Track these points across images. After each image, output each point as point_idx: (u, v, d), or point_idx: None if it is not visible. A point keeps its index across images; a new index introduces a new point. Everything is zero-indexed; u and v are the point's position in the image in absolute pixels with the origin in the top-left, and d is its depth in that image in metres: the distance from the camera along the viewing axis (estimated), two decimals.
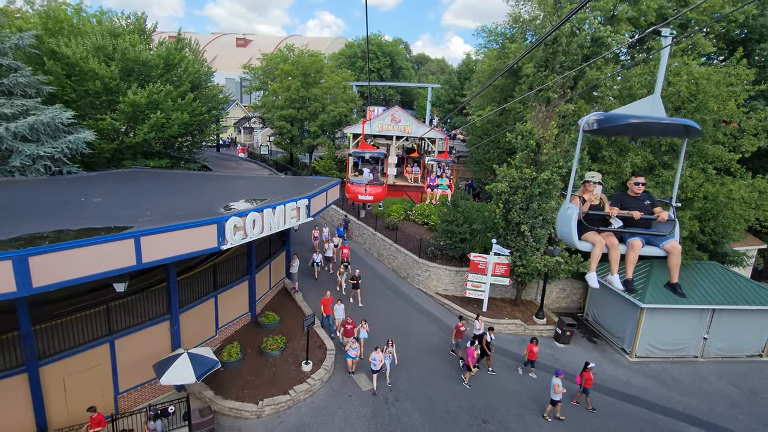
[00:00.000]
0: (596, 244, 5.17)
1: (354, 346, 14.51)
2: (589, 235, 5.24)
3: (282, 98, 33.31)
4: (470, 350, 14.56)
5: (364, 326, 15.32)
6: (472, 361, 14.43)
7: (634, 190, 5.47)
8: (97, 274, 9.24)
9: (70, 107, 19.01)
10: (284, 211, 13.91)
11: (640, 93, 17.52)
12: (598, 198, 5.49)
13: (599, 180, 5.56)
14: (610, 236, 5.21)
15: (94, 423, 10.55)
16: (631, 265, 5.29)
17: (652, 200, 5.44)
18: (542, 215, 17.23)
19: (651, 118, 4.60)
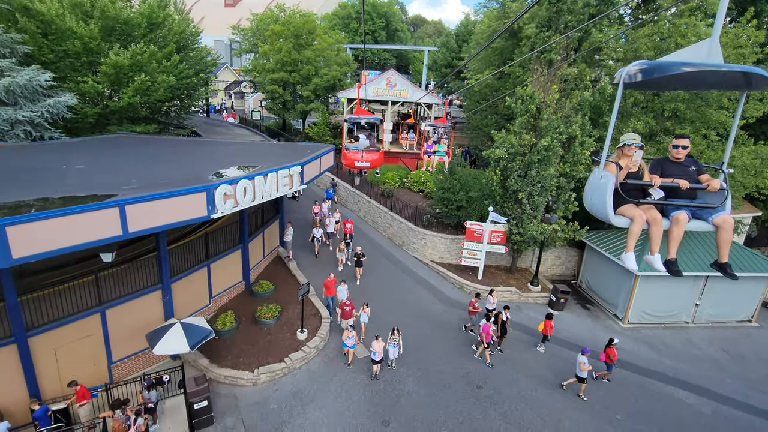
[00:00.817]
0: (635, 218, 4.44)
1: (351, 335, 13.51)
2: (626, 208, 4.53)
3: (273, 61, 31.97)
4: (486, 326, 14.11)
5: (365, 310, 14.74)
6: (487, 338, 14.03)
7: (676, 154, 4.71)
8: (81, 245, 8.89)
9: (48, 69, 18.02)
10: (276, 179, 13.46)
11: (646, 55, 16.81)
12: (637, 164, 4.70)
13: (641, 143, 4.70)
14: (651, 209, 4.51)
15: (79, 396, 10.45)
16: (676, 243, 4.59)
17: (698, 166, 4.72)
18: (540, 182, 16.89)
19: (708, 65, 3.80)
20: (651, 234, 4.54)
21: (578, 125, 16.23)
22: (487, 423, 12.13)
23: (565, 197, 17.84)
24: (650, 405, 13.48)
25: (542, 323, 15.38)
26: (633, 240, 4.57)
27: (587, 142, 16.69)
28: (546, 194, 17.32)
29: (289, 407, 12.15)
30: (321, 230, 20.26)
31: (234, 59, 61.88)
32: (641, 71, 3.81)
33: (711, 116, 16.58)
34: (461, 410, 12.48)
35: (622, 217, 4.53)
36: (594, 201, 4.70)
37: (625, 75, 4.01)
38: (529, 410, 12.73)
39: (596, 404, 13.24)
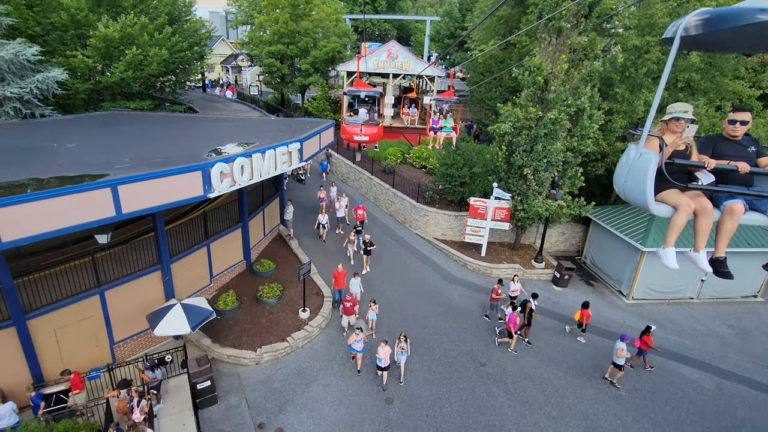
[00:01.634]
0: (680, 207, 3.68)
1: (358, 338, 12.35)
2: (669, 194, 3.74)
3: (269, 33, 30.91)
4: (512, 316, 13.51)
5: (372, 307, 13.81)
6: (514, 327, 13.46)
7: (733, 131, 3.88)
8: (73, 227, 8.61)
9: (35, 43, 17.34)
10: (275, 156, 13.05)
11: (662, 22, 15.98)
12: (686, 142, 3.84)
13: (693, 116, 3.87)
14: (700, 197, 3.76)
15: (73, 385, 10.34)
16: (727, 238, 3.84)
17: (758, 147, 3.90)
18: (547, 158, 16.42)
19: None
20: (698, 227, 3.81)
21: (587, 97, 15.61)
22: (491, 400, 12.13)
23: (572, 172, 17.39)
24: (654, 380, 13.45)
25: (578, 312, 14.75)
26: (676, 233, 3.82)
27: (596, 115, 16.11)
28: (552, 170, 16.87)
29: (292, 386, 12.14)
30: (326, 216, 19.29)
31: (230, 32, 60.16)
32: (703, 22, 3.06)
33: (727, 86, 15.91)
34: (465, 387, 12.47)
35: (663, 205, 3.79)
36: (630, 185, 3.89)
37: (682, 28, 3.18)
38: (533, 386, 12.73)
39: (599, 381, 13.22)
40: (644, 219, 17.87)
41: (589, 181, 19.22)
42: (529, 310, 14.36)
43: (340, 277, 14.70)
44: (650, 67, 16.70)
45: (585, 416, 11.90)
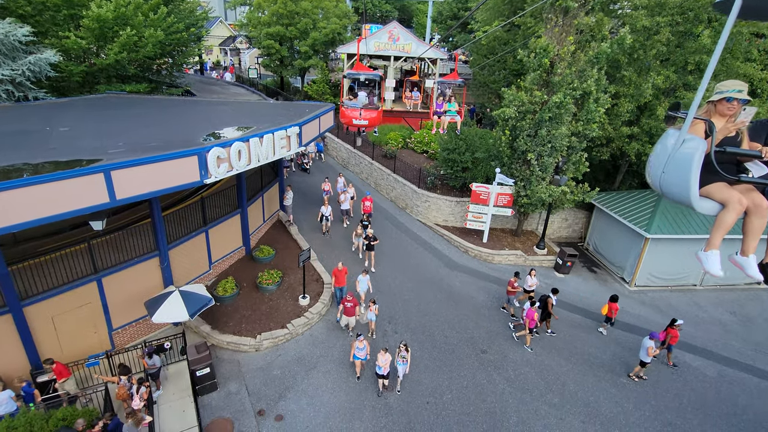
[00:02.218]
0: (730, 203, 3.17)
1: (362, 346, 11.63)
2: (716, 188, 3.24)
3: (268, 13, 30.16)
4: (530, 311, 13.11)
5: (371, 308, 13.07)
6: (531, 323, 13.07)
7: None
8: (66, 213, 8.39)
9: (27, 23, 16.85)
10: (273, 140, 12.73)
11: (674, 1, 15.43)
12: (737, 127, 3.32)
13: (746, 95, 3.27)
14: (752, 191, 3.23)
15: (57, 374, 10.18)
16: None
17: None
18: (551, 142, 16.06)
19: None
20: (749, 227, 3.29)
21: (593, 80, 15.17)
22: (492, 387, 12.08)
23: (576, 158, 17.06)
24: (655, 368, 13.37)
25: (605, 305, 14.37)
26: (722, 234, 3.26)
27: (602, 98, 15.69)
28: (556, 155, 16.53)
29: (292, 373, 12.10)
30: (329, 208, 18.48)
31: (228, 13, 58.97)
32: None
33: (738, 68, 15.46)
34: (465, 375, 12.41)
35: (709, 201, 3.28)
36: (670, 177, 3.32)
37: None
38: (534, 374, 12.67)
39: (601, 368, 13.17)
40: (649, 205, 17.61)
41: (593, 166, 18.92)
42: (550, 305, 13.88)
43: (341, 275, 13.99)
44: (659, 49, 16.20)
45: (586, 403, 11.87)
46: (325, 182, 20.32)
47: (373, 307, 13.09)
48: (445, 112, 17.72)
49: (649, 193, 18.33)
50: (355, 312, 13.11)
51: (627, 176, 20.80)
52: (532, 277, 15.08)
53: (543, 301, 13.88)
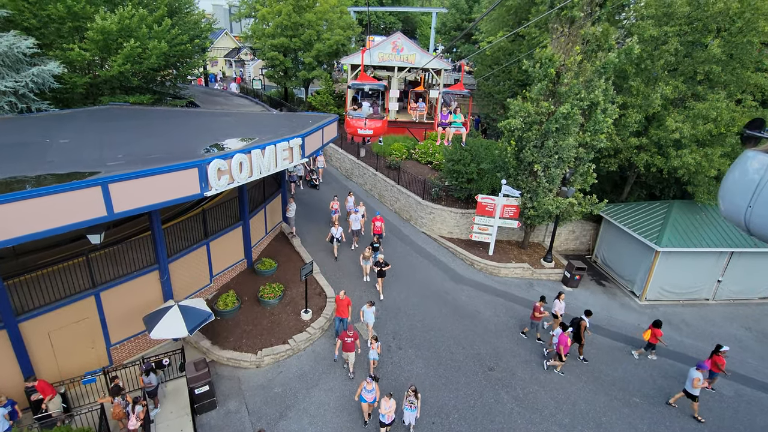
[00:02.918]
0: None
1: (371, 388, 10.45)
2: None
3: (272, 25, 30.27)
4: (563, 337, 12.25)
5: (373, 345, 11.61)
6: (564, 350, 12.23)
7: None
8: (61, 228, 8.17)
9: (32, 35, 16.91)
10: (275, 152, 12.56)
11: (681, 11, 15.23)
12: None
13: None
14: None
15: (41, 392, 9.80)
16: None
17: None
18: (558, 153, 15.79)
19: None
20: None
21: (601, 90, 14.94)
22: (500, 407, 11.65)
23: (584, 169, 16.76)
24: (669, 386, 12.90)
25: (647, 330, 13.62)
26: None
27: (610, 109, 15.44)
28: (563, 166, 16.24)
29: (293, 390, 11.73)
30: (340, 229, 17.39)
31: (233, 25, 59.54)
32: None
33: (748, 78, 15.17)
34: (472, 393, 12.00)
35: None
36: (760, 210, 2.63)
37: None
38: (543, 392, 12.23)
39: (612, 385, 12.70)
40: (659, 217, 17.24)
41: (601, 177, 18.59)
42: (583, 328, 13.19)
43: (342, 305, 12.85)
44: (668, 59, 15.97)
45: (598, 424, 11.41)
46: (334, 200, 19.31)
47: (375, 344, 11.62)
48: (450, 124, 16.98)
49: (659, 205, 17.96)
50: (354, 347, 11.81)
51: (635, 187, 20.43)
52: (561, 301, 14.22)
53: (576, 325, 13.18)
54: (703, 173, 15.90)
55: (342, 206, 19.67)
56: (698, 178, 16.27)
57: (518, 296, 16.66)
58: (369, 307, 13.16)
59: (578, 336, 13.26)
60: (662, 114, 16.76)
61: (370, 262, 16.06)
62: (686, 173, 16.20)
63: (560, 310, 14.24)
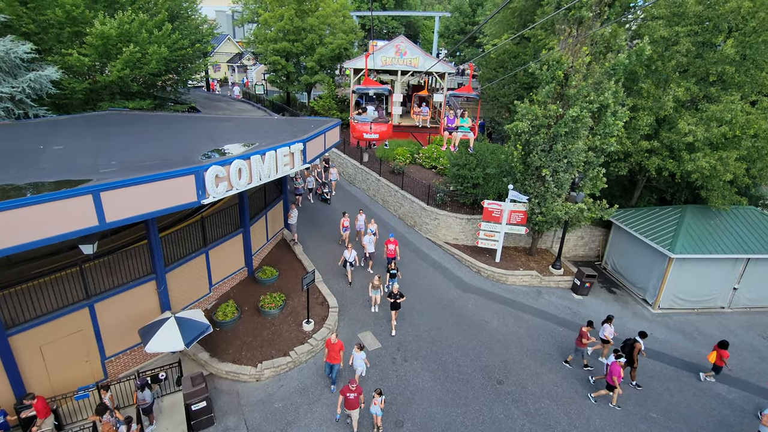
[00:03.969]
0: None
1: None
2: None
3: (274, 30, 30.09)
4: (615, 367, 11.31)
5: (375, 400, 10.23)
6: (618, 380, 11.27)
7: None
8: (50, 239, 7.78)
9: (30, 40, 16.68)
10: (275, 158, 12.16)
11: (693, 11, 14.80)
12: None
13: None
14: None
15: (38, 412, 9.39)
16: None
17: None
18: (567, 158, 15.33)
19: None
20: None
21: (611, 93, 14.49)
22: (510, 422, 11.13)
23: (594, 173, 16.27)
24: (687, 400, 12.35)
25: (713, 352, 12.87)
26: None
27: (620, 111, 14.99)
28: (572, 170, 15.77)
29: (294, 405, 11.26)
30: (353, 252, 15.95)
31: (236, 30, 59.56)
32: None
33: (764, 80, 14.68)
34: (481, 408, 11.48)
35: None
36: None
37: None
38: (555, 407, 11.70)
39: (628, 400, 12.14)
40: (671, 223, 16.71)
41: (609, 181, 18.09)
42: (637, 351, 12.37)
43: (334, 350, 11.16)
44: (679, 60, 15.51)
45: None
46: (344, 217, 17.98)
47: (377, 399, 10.18)
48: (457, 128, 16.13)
49: (671, 210, 17.44)
50: (358, 404, 10.08)
51: (645, 192, 19.91)
52: (611, 325, 13.26)
53: (629, 347, 12.39)
54: (717, 177, 15.38)
55: (352, 224, 18.58)
56: (712, 183, 15.76)
57: (527, 305, 16.15)
58: (358, 352, 11.28)
59: (631, 359, 12.39)
60: (674, 116, 16.28)
61: (379, 291, 14.66)
62: (700, 177, 15.69)
63: (609, 335, 13.26)
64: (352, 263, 16.05)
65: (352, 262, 15.99)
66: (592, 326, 12.86)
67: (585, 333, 12.56)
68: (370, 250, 16.67)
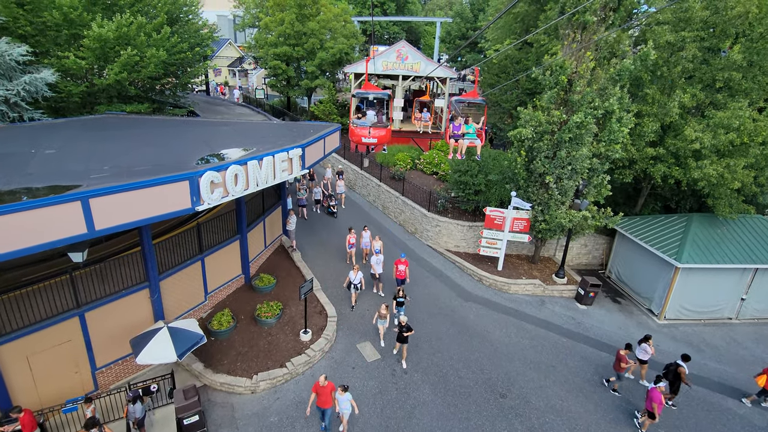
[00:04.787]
0: None
1: None
2: None
3: (275, 34, 29.90)
4: (656, 393, 10.40)
5: None
6: (659, 408, 10.43)
7: None
8: (35, 247, 7.46)
9: (27, 43, 16.46)
10: (273, 163, 11.89)
11: (699, 16, 14.56)
12: None
13: None
14: None
15: (23, 427, 8.96)
16: None
17: None
18: (571, 164, 15.03)
19: None
20: None
21: (616, 98, 14.22)
22: None
23: (598, 180, 15.96)
24: (696, 416, 11.95)
25: (761, 375, 12.15)
26: None
27: (625, 118, 14.71)
28: (577, 177, 15.46)
29: (290, 419, 10.88)
30: (360, 274, 14.65)
31: (238, 35, 59.54)
32: None
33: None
34: (483, 423, 11.09)
35: None
36: None
37: None
38: (560, 422, 11.30)
39: (635, 415, 11.75)
40: (677, 232, 16.36)
41: (613, 188, 17.79)
42: (683, 376, 11.63)
43: (325, 393, 9.98)
44: (685, 65, 15.25)
45: None
46: (350, 234, 17.17)
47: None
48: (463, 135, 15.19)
49: (677, 218, 17.11)
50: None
51: (649, 199, 19.58)
52: (650, 345, 12.43)
53: (672, 372, 11.68)
54: (725, 186, 15.05)
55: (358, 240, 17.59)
56: (719, 191, 15.43)
57: (530, 315, 15.78)
58: (342, 394, 9.86)
59: (674, 385, 11.71)
60: (679, 123, 16.00)
61: (386, 322, 13.27)
62: (707, 185, 15.37)
63: (646, 355, 12.53)
64: (357, 286, 14.70)
65: (357, 284, 14.67)
66: (630, 349, 12.16)
67: (623, 357, 11.79)
68: (378, 271, 15.48)
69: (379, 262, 15.46)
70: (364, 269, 16.43)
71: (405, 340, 12.39)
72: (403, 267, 15.07)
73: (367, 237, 17.42)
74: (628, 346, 12.20)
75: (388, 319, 13.32)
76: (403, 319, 12.29)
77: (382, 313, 13.15)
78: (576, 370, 13.20)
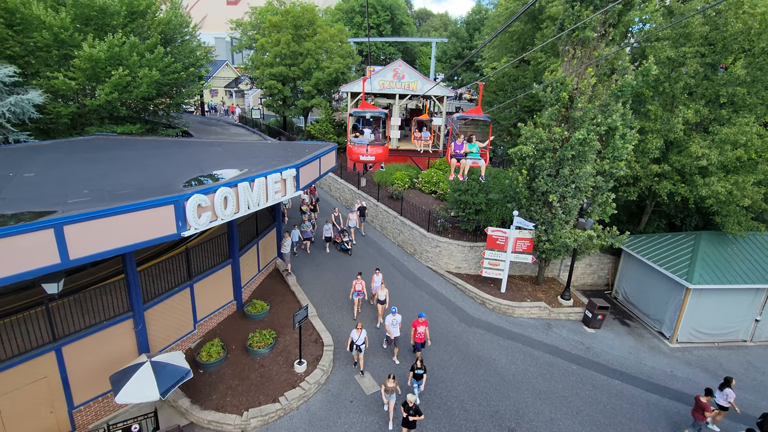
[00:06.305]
0: None
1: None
2: None
3: (271, 54, 29.86)
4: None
5: None
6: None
7: None
8: (2, 279, 6.80)
9: (16, 64, 16.11)
10: (266, 185, 11.32)
11: (699, 31, 14.34)
12: None
13: None
14: None
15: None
16: None
17: None
18: (575, 182, 14.56)
19: None
20: None
21: (619, 115, 13.86)
22: None
23: (602, 198, 15.49)
24: None
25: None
26: None
27: (629, 134, 14.33)
28: (581, 196, 14.97)
29: None
30: (363, 333, 12.23)
31: (235, 56, 60.00)
32: None
33: None
34: None
35: None
36: None
37: None
38: None
39: None
40: (686, 251, 15.81)
41: (617, 206, 17.33)
42: None
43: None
44: (687, 81, 14.98)
45: None
46: (357, 279, 14.94)
47: None
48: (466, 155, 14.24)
49: (684, 237, 16.57)
50: None
51: (653, 217, 19.10)
52: (732, 389, 11.44)
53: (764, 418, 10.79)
54: (734, 203, 14.59)
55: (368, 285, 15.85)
56: (728, 208, 14.96)
57: (536, 340, 15.05)
58: None
59: None
60: (683, 139, 15.64)
61: (394, 397, 10.84)
62: (715, 203, 14.90)
63: (728, 400, 11.52)
64: (360, 347, 12.31)
65: (360, 345, 12.28)
66: (711, 395, 11.09)
67: (706, 404, 10.73)
68: (394, 334, 12.87)
69: (395, 324, 12.80)
70: (369, 312, 14.88)
71: (412, 426, 10.07)
72: (423, 329, 12.80)
73: (379, 281, 15.19)
74: (708, 392, 11.07)
75: (395, 394, 10.82)
76: (411, 399, 9.89)
77: (388, 387, 10.70)
78: (588, 401, 12.41)
